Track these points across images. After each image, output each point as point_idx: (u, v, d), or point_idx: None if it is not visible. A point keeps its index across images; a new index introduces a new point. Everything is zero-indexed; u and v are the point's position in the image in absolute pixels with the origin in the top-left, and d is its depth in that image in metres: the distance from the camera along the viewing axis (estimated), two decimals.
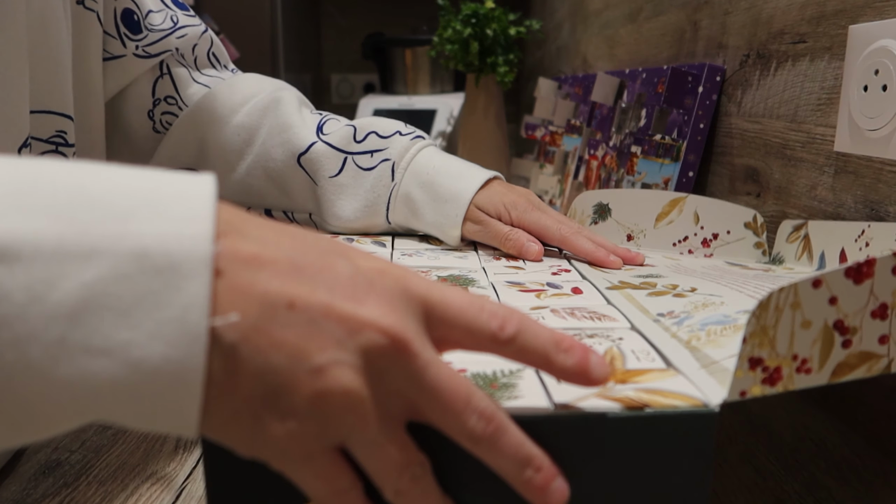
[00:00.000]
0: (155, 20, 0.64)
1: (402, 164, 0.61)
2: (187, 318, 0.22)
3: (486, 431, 0.27)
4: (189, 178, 0.24)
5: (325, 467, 0.26)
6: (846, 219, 0.50)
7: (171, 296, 0.22)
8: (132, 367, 0.21)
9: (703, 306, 0.40)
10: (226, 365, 0.23)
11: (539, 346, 0.28)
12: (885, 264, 0.30)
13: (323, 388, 0.24)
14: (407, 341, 0.25)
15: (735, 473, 0.42)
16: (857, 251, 0.46)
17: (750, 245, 0.61)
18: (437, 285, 0.28)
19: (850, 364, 0.31)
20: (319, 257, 0.26)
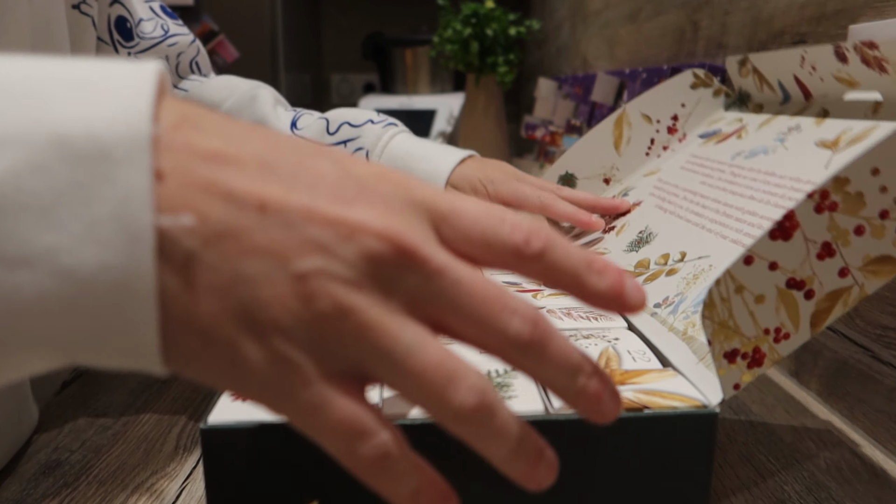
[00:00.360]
0: (146, 28, 0.64)
1: (375, 151, 0.60)
2: (124, 214, 0.18)
3: (533, 336, 0.22)
4: (131, 62, 0.20)
5: (332, 403, 0.20)
6: None
7: (102, 188, 0.18)
8: (61, 278, 0.18)
9: (694, 279, 0.40)
10: (184, 276, 0.19)
11: (570, 264, 0.24)
12: (806, 209, 0.30)
13: (309, 298, 0.19)
14: (413, 245, 0.21)
15: (735, 473, 0.42)
16: (808, 75, 0.46)
17: (709, 101, 0.61)
18: (445, 192, 0.24)
19: (823, 309, 0.31)
20: (297, 157, 0.21)
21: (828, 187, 0.29)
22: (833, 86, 0.44)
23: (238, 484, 0.29)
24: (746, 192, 0.44)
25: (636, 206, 0.56)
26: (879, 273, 0.31)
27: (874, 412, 0.47)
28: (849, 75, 0.41)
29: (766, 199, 0.42)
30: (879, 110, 0.40)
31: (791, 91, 0.50)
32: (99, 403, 0.52)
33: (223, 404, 0.30)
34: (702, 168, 0.52)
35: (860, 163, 0.29)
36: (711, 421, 0.30)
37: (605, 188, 0.64)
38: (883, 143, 0.29)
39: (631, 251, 0.50)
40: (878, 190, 0.30)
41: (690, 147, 0.58)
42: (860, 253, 0.31)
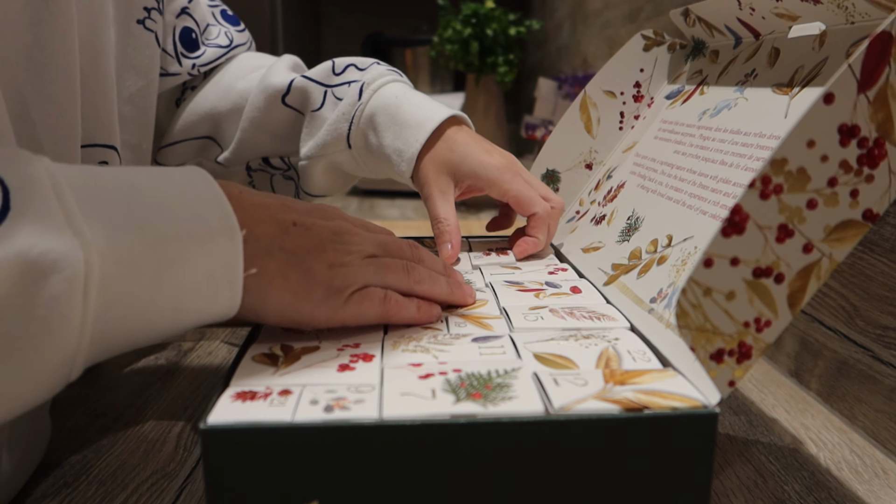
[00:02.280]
0: (212, 34, 0.65)
1: (372, 85, 0.59)
2: (234, 282, 0.34)
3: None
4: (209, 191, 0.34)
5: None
6: None
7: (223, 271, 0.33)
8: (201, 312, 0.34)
9: (683, 264, 0.41)
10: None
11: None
12: (751, 199, 0.29)
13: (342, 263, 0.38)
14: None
15: (735, 473, 0.42)
16: (750, 16, 0.47)
17: (666, 57, 0.61)
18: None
19: (798, 289, 0.31)
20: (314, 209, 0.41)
21: (768, 172, 0.29)
22: (776, 22, 0.45)
23: (238, 484, 0.29)
24: (717, 157, 0.45)
25: (621, 189, 0.56)
26: (844, 239, 0.31)
27: (874, 412, 0.47)
28: (787, 10, 0.43)
29: (737, 162, 0.43)
30: (825, 40, 0.41)
31: (740, 33, 0.51)
32: (99, 403, 0.52)
33: (223, 404, 0.30)
34: (673, 135, 0.52)
35: (793, 140, 0.29)
36: (711, 421, 0.30)
37: (588, 174, 0.64)
38: (810, 114, 0.29)
39: (623, 241, 0.50)
40: (819, 160, 0.30)
41: (660, 111, 0.58)
42: (819, 225, 0.31)
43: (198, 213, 0.33)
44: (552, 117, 1.31)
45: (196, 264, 0.32)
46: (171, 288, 0.31)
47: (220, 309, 0.34)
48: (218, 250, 0.33)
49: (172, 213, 0.32)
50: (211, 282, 0.33)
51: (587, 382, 0.32)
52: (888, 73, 0.30)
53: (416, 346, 0.37)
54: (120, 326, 0.30)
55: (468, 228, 1.14)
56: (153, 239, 0.30)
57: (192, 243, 0.32)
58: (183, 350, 0.63)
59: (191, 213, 0.32)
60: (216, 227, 0.33)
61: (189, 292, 0.32)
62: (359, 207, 1.39)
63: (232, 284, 0.34)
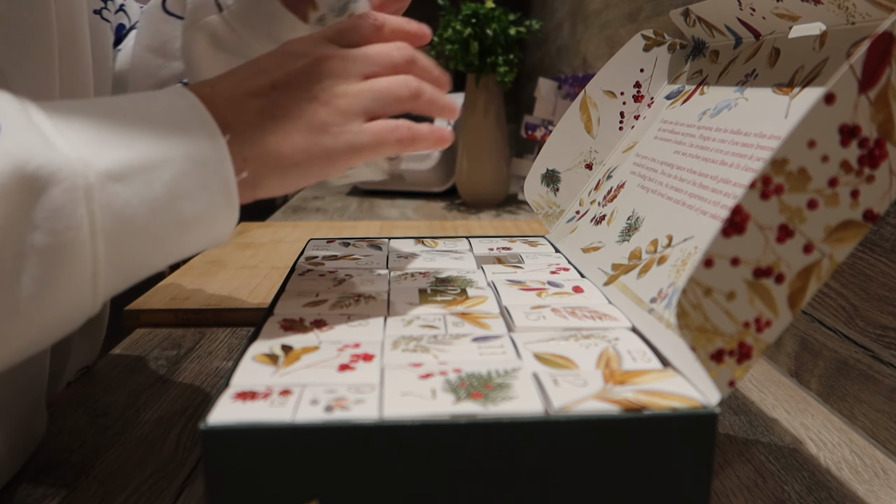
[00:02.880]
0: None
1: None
2: (227, 190, 0.34)
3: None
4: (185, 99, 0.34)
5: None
6: None
7: (213, 177, 0.33)
8: (200, 223, 0.33)
9: (683, 265, 0.41)
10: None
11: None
12: (752, 199, 0.29)
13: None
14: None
15: (735, 473, 0.42)
16: (750, 16, 0.47)
17: (667, 57, 0.61)
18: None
19: (798, 289, 0.31)
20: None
21: (768, 172, 0.29)
22: (777, 22, 0.45)
23: (238, 484, 0.29)
24: (718, 157, 0.45)
25: (621, 189, 0.56)
26: (845, 239, 0.31)
27: (874, 412, 0.47)
28: (788, 10, 0.42)
29: (737, 162, 0.43)
30: (826, 40, 0.41)
31: (740, 33, 0.50)
32: (99, 403, 0.52)
33: (223, 404, 0.30)
34: (674, 135, 0.52)
35: (793, 140, 0.29)
36: (711, 421, 0.30)
37: (588, 174, 0.64)
38: (810, 114, 0.29)
39: (623, 241, 0.50)
40: (820, 160, 0.30)
41: (660, 112, 0.58)
42: (820, 225, 0.31)
43: (179, 124, 0.33)
44: (552, 117, 1.31)
45: (187, 174, 0.32)
46: (168, 198, 0.32)
47: (222, 216, 0.34)
48: (205, 158, 0.33)
49: (154, 127, 0.32)
50: (205, 189, 0.33)
51: (587, 382, 0.32)
52: (889, 73, 0.30)
53: (416, 346, 0.37)
54: (129, 243, 0.31)
55: (468, 228, 1.14)
56: (140, 153, 0.31)
57: (179, 154, 0.32)
58: (183, 350, 0.63)
59: (172, 126, 0.33)
60: (199, 136, 0.33)
61: (187, 202, 0.32)
62: (359, 207, 1.39)
63: (227, 190, 0.34)
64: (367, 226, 1.16)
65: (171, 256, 0.34)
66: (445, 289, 0.47)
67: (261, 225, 1.16)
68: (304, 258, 0.55)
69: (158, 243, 0.32)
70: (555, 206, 0.64)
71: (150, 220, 0.31)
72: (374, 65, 0.40)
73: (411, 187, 1.49)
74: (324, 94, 0.38)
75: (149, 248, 0.32)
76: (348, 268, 0.53)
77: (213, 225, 0.34)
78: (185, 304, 0.72)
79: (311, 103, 0.37)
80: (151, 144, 0.32)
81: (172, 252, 0.34)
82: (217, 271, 0.85)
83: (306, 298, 0.45)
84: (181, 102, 0.34)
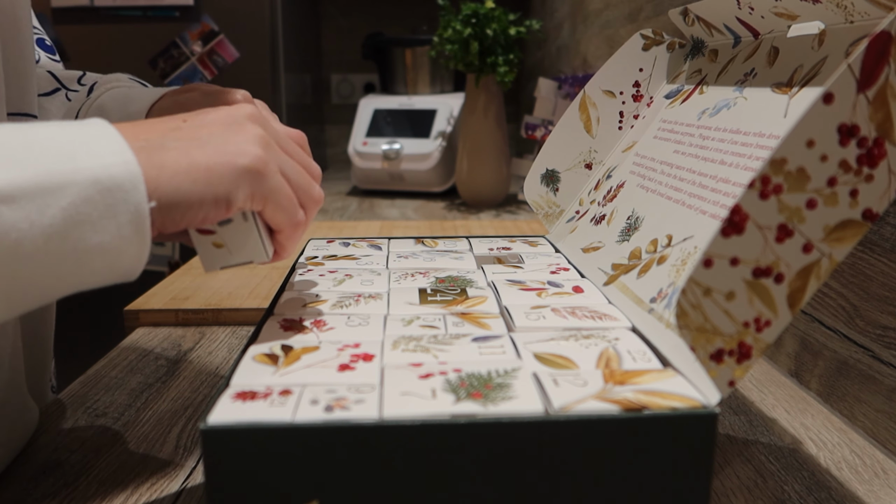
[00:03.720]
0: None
1: (105, 85, 0.58)
2: (137, 220, 0.31)
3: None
4: (95, 123, 0.33)
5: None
6: None
7: (122, 206, 0.31)
8: (104, 253, 0.31)
9: (683, 264, 0.41)
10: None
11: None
12: (751, 199, 0.29)
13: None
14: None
15: (735, 473, 0.42)
16: (749, 15, 0.47)
17: (666, 56, 0.61)
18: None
19: (797, 289, 0.31)
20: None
21: (767, 172, 0.29)
22: (775, 21, 0.45)
23: (238, 484, 0.29)
24: (717, 157, 0.45)
25: (620, 189, 0.56)
26: (844, 239, 0.31)
27: (874, 412, 0.47)
28: (786, 9, 0.42)
29: (736, 161, 0.43)
30: (825, 39, 0.41)
31: (739, 32, 0.51)
32: (99, 403, 0.52)
33: (223, 404, 0.30)
34: (673, 134, 0.52)
35: (792, 140, 0.29)
36: (711, 421, 0.30)
37: (588, 174, 0.64)
38: (809, 114, 0.29)
39: (623, 241, 0.50)
40: (819, 160, 0.30)
41: (659, 111, 0.58)
42: (819, 225, 0.31)
43: (88, 148, 0.31)
44: (552, 117, 1.31)
45: (89, 200, 0.30)
46: (66, 225, 0.30)
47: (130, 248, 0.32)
48: (114, 184, 0.31)
49: (59, 150, 0.31)
50: (113, 218, 0.31)
51: (587, 382, 0.32)
52: (888, 72, 0.30)
53: (416, 346, 0.37)
54: (14, 268, 0.29)
55: (468, 228, 1.14)
56: (36, 175, 0.29)
57: (84, 178, 0.30)
58: (183, 350, 0.63)
59: (81, 149, 0.31)
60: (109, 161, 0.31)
61: (89, 230, 0.30)
62: (359, 207, 1.39)
63: (137, 220, 0.32)
64: (367, 226, 1.16)
65: (70, 286, 0.32)
66: (445, 289, 0.47)
67: None
68: (304, 258, 0.56)
69: (52, 272, 0.30)
70: (555, 206, 0.64)
71: (42, 247, 0.29)
72: (291, 151, 0.40)
73: (411, 187, 1.49)
74: (244, 125, 0.37)
75: (40, 276, 0.30)
76: (348, 268, 0.53)
77: (118, 258, 0.32)
78: (185, 304, 0.72)
79: (226, 129, 0.36)
80: (52, 167, 0.30)
81: (70, 282, 0.31)
82: (217, 271, 0.85)
83: (306, 298, 0.45)
84: (94, 128, 0.32)
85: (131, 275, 0.33)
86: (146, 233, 0.32)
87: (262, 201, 0.37)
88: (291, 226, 0.39)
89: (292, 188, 0.39)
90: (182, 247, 1.49)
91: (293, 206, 0.38)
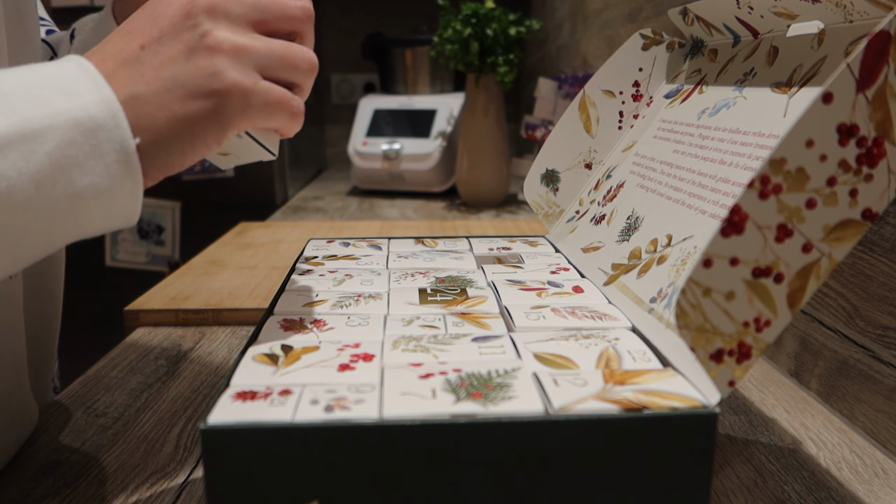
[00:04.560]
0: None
1: (81, 27, 0.58)
2: (124, 157, 0.31)
3: None
4: (71, 60, 0.32)
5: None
6: None
7: (107, 145, 0.30)
8: (97, 196, 0.31)
9: (682, 264, 0.41)
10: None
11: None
12: (750, 199, 0.29)
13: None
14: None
15: (735, 473, 0.42)
16: (748, 14, 0.47)
17: (665, 56, 0.61)
18: None
19: (797, 288, 0.31)
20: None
21: (766, 172, 0.29)
22: (775, 21, 0.45)
23: (238, 484, 0.29)
24: (717, 156, 0.45)
25: (620, 189, 0.56)
26: (844, 239, 0.31)
27: (874, 412, 0.47)
28: (786, 9, 0.43)
29: (736, 161, 0.43)
30: (824, 39, 0.41)
31: (738, 31, 0.51)
32: (99, 403, 0.52)
33: (223, 404, 0.30)
34: (673, 134, 0.53)
35: (792, 139, 0.29)
36: (711, 421, 0.30)
37: (588, 173, 0.64)
38: (808, 113, 0.29)
39: (623, 241, 0.51)
40: (818, 160, 0.30)
41: (659, 111, 0.58)
42: (819, 225, 0.31)
43: (65, 90, 0.30)
44: (552, 117, 1.31)
45: (74, 142, 0.30)
46: (54, 169, 0.29)
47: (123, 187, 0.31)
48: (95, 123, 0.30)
49: (37, 94, 0.30)
50: (100, 157, 0.30)
51: (587, 382, 0.32)
52: (887, 72, 0.30)
53: (416, 346, 0.37)
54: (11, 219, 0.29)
55: (468, 228, 1.14)
56: (17, 122, 0.29)
57: (64, 120, 0.30)
58: (183, 350, 0.63)
59: (58, 92, 0.30)
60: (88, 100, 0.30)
61: (77, 172, 0.30)
62: (359, 207, 1.39)
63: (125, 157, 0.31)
64: (367, 226, 1.16)
65: (69, 234, 0.31)
66: (445, 289, 0.47)
67: (260, 225, 1.16)
68: (304, 258, 0.56)
69: (48, 218, 0.30)
70: (554, 206, 0.65)
71: (33, 194, 0.29)
72: (266, 12, 0.36)
73: (411, 187, 1.49)
74: (205, 40, 0.33)
75: (37, 224, 0.30)
76: (348, 268, 0.53)
77: (112, 200, 0.31)
78: (185, 304, 0.72)
79: (190, 57, 0.33)
80: (31, 112, 0.29)
81: (69, 230, 0.31)
82: (217, 271, 0.85)
83: (306, 298, 0.45)
84: (69, 67, 0.31)
85: (129, 218, 0.33)
86: (136, 171, 0.31)
87: (250, 123, 0.35)
88: (289, 120, 0.36)
89: (277, 79, 0.36)
90: (182, 247, 1.49)
91: (285, 103, 0.35)
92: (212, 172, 1.48)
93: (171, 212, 1.50)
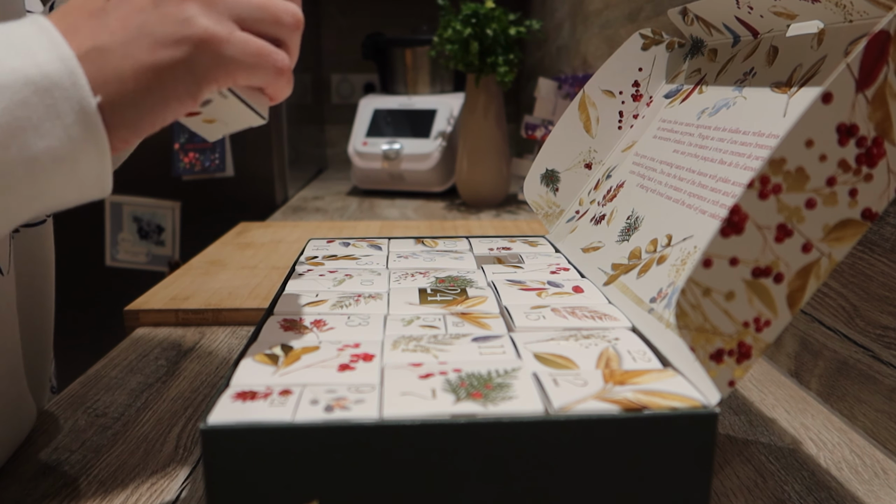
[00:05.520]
0: None
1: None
2: (85, 117, 0.29)
3: None
4: (29, 20, 0.30)
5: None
6: None
7: (64, 104, 0.29)
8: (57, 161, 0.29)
9: (682, 264, 0.41)
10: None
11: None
12: (750, 199, 0.29)
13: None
14: None
15: (735, 473, 0.42)
16: (748, 14, 0.47)
17: (665, 56, 0.61)
18: None
19: (797, 288, 0.31)
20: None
21: (766, 172, 0.29)
22: (774, 20, 0.45)
23: (238, 484, 0.29)
24: (716, 156, 0.45)
25: (620, 189, 0.56)
26: (843, 238, 0.31)
27: (874, 412, 0.47)
28: (785, 9, 0.43)
29: (736, 161, 0.43)
30: (824, 39, 0.41)
31: (738, 31, 0.51)
32: (99, 403, 0.52)
33: (223, 404, 0.30)
34: (672, 134, 0.53)
35: (791, 139, 0.29)
36: (711, 421, 0.30)
37: (588, 173, 0.64)
38: (808, 113, 0.29)
39: (623, 241, 0.51)
40: (818, 160, 0.30)
41: (659, 111, 0.58)
42: (818, 224, 0.31)
43: (17, 49, 0.29)
44: (552, 117, 1.31)
45: (26, 102, 0.28)
46: (5, 133, 0.28)
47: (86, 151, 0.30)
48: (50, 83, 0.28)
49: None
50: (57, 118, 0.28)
51: (587, 382, 0.32)
52: (886, 72, 0.30)
53: (416, 346, 0.37)
54: None
55: (468, 228, 1.14)
56: None
57: (15, 79, 0.28)
58: (183, 350, 0.63)
59: (11, 51, 0.29)
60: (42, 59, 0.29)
61: (32, 135, 0.28)
62: (359, 207, 1.39)
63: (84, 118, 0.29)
64: (367, 226, 1.16)
65: (33, 204, 0.29)
66: (445, 289, 0.47)
67: (260, 225, 1.16)
68: (304, 258, 0.56)
69: (5, 187, 0.28)
70: (554, 206, 0.65)
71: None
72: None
73: (411, 187, 1.49)
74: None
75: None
76: (348, 268, 0.53)
77: (75, 165, 0.29)
78: (185, 304, 0.72)
79: (159, 5, 0.31)
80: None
81: (31, 199, 0.29)
82: (217, 271, 0.85)
83: (306, 298, 0.45)
84: (24, 25, 0.29)
85: (101, 187, 0.30)
86: (99, 132, 0.29)
87: (229, 77, 0.32)
88: (275, 76, 0.34)
89: (259, 33, 0.33)
90: (182, 247, 1.49)
91: (265, 55, 0.33)
92: (212, 172, 1.48)
93: (171, 212, 1.50)
